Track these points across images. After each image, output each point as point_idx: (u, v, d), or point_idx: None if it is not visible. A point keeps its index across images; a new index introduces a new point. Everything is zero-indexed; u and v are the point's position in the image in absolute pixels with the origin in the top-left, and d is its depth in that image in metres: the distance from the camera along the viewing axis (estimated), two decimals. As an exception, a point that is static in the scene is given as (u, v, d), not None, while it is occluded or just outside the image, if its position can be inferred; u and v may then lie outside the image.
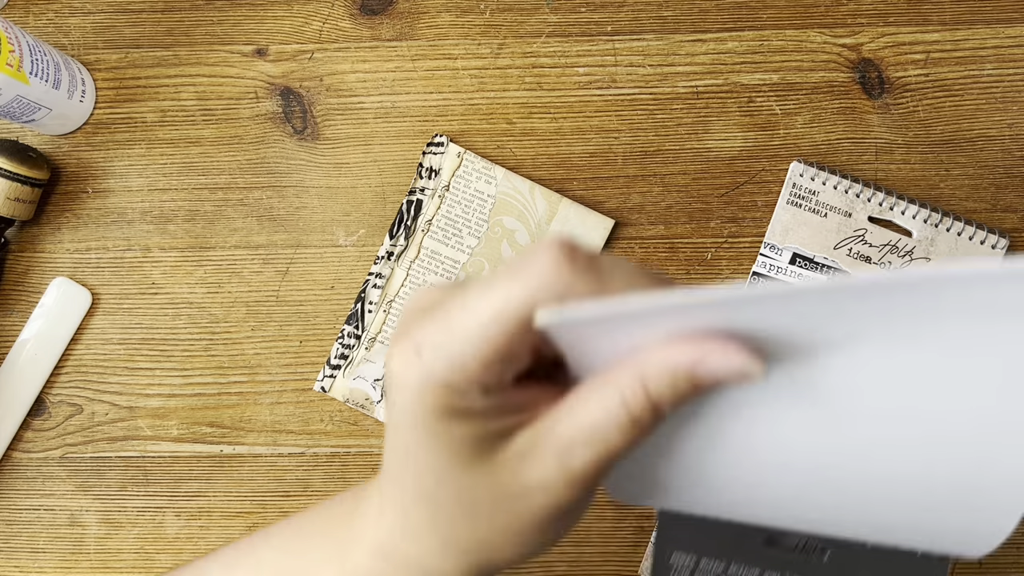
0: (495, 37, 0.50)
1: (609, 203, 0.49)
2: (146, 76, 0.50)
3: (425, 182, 0.49)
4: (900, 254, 0.47)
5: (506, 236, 0.48)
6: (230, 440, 0.49)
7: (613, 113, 0.49)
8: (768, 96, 0.49)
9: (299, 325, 0.49)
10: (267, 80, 0.50)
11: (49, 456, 0.49)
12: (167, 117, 0.50)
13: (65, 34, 0.51)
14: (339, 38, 0.50)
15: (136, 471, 0.49)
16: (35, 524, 0.49)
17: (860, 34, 0.49)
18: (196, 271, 0.50)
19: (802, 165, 0.47)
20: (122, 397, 0.49)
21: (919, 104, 0.49)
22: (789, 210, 0.47)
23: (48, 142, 0.50)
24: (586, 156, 0.49)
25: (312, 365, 0.49)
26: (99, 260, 0.50)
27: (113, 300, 0.49)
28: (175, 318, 0.49)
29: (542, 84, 0.50)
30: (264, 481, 0.48)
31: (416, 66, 0.50)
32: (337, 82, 0.50)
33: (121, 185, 0.50)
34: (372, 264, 0.49)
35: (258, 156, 0.50)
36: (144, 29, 0.51)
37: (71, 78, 0.48)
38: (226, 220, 0.50)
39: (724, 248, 0.48)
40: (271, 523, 0.48)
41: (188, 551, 0.48)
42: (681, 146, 0.49)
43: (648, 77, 0.49)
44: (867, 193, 0.47)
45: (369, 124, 0.50)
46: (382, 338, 0.48)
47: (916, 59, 0.49)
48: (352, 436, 0.48)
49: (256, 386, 0.49)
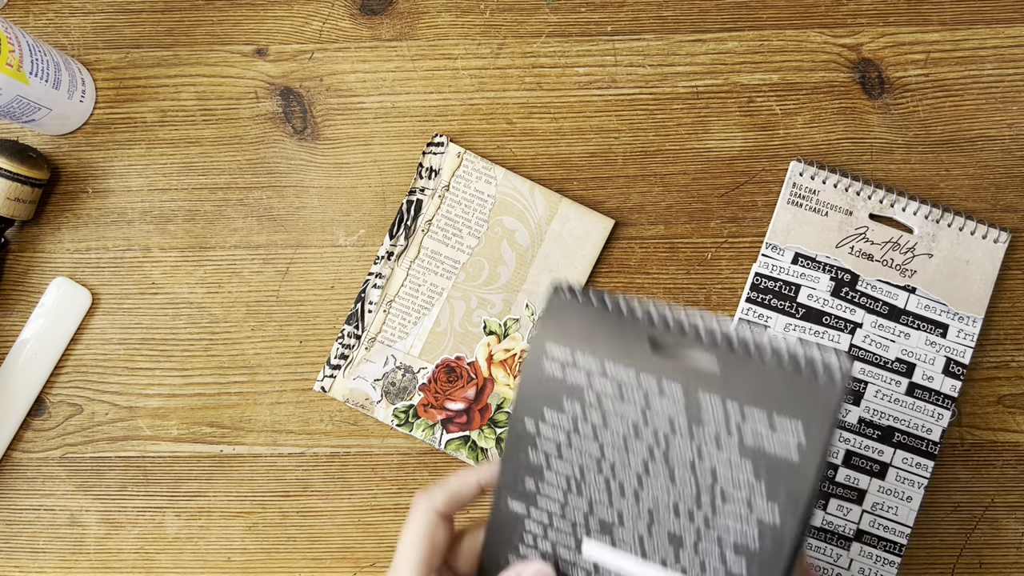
0: (495, 37, 0.50)
1: (609, 203, 0.49)
2: (146, 76, 0.50)
3: (425, 182, 0.49)
4: (902, 251, 0.47)
5: (506, 236, 0.48)
6: (230, 440, 0.49)
7: (613, 113, 0.49)
8: (768, 96, 0.49)
9: (299, 325, 0.49)
10: (267, 80, 0.50)
11: (49, 456, 0.49)
12: (167, 117, 0.50)
13: (65, 34, 0.51)
14: (339, 38, 0.50)
15: (136, 471, 0.49)
16: (35, 524, 0.49)
17: (860, 34, 0.49)
18: (196, 271, 0.50)
19: (802, 165, 0.47)
20: (122, 397, 0.49)
21: (919, 104, 0.49)
22: (790, 210, 0.47)
23: (48, 142, 0.50)
24: (586, 156, 0.49)
25: (312, 365, 0.49)
26: (99, 260, 0.50)
27: (113, 300, 0.49)
28: (175, 318, 0.49)
29: (542, 84, 0.50)
30: (264, 481, 0.48)
31: (416, 66, 0.50)
32: (337, 82, 0.50)
33: (121, 185, 0.50)
34: (372, 264, 0.49)
35: (258, 156, 0.50)
36: (144, 29, 0.51)
37: (71, 78, 0.48)
38: (226, 220, 0.50)
39: (724, 248, 0.48)
40: (271, 523, 0.49)
41: (188, 551, 0.48)
42: (681, 146, 0.49)
43: (648, 77, 0.49)
44: (868, 190, 0.47)
45: (369, 124, 0.50)
46: (382, 338, 0.48)
47: (916, 59, 0.49)
48: (352, 436, 0.48)
49: (256, 386, 0.49)
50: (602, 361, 0.32)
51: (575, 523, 0.33)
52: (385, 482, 0.48)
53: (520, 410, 0.33)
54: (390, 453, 0.48)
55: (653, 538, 0.33)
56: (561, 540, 0.34)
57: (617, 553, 0.33)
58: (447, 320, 0.48)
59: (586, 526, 0.33)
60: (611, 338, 0.32)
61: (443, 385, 0.48)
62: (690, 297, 0.48)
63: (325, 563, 0.48)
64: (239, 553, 0.48)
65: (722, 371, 0.31)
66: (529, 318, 0.48)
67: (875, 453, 0.46)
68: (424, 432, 0.48)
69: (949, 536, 0.47)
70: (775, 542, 0.31)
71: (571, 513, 0.33)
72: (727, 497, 0.31)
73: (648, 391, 0.31)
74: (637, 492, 0.32)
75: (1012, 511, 0.47)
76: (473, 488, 0.34)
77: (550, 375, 0.33)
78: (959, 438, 0.47)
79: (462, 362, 0.48)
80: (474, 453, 0.47)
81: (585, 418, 0.33)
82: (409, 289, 0.48)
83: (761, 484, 0.30)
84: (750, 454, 0.30)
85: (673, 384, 0.31)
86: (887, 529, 0.46)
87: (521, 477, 0.34)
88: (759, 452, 0.30)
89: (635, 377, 0.31)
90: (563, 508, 0.33)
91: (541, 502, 0.34)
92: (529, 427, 0.33)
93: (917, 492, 0.46)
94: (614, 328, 0.32)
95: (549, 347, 0.32)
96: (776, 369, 0.30)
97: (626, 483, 0.33)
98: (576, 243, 0.48)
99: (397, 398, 0.48)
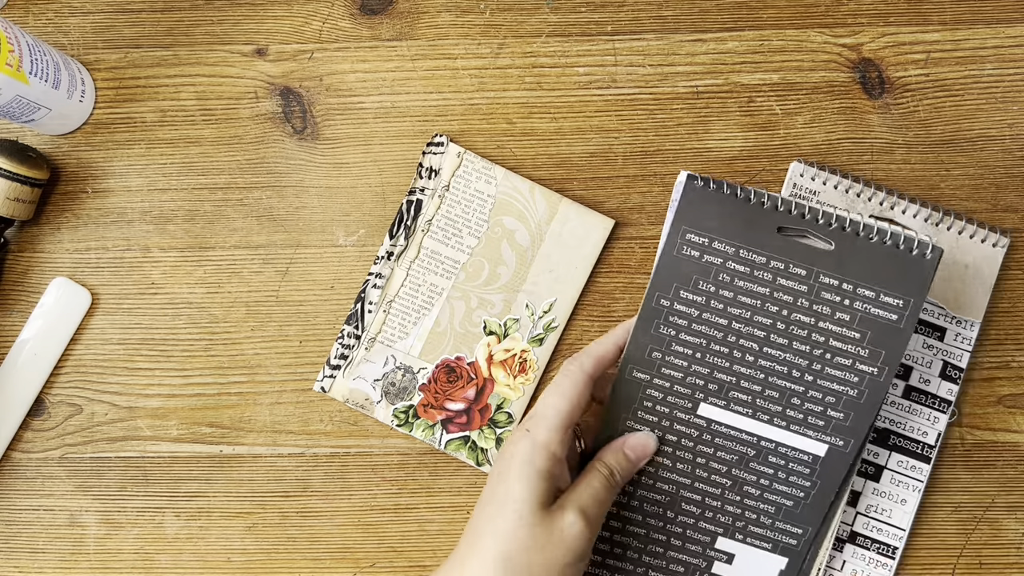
0: (495, 37, 0.50)
1: (609, 203, 0.49)
2: (146, 76, 0.50)
3: (425, 182, 0.49)
4: (900, 254, 0.47)
5: (506, 236, 0.48)
6: (230, 440, 0.49)
7: (613, 113, 0.49)
8: (768, 96, 0.49)
9: (299, 325, 0.49)
10: (267, 80, 0.50)
11: (49, 456, 0.49)
12: (167, 117, 0.50)
13: (65, 34, 0.51)
14: (339, 38, 0.50)
15: (136, 471, 0.49)
16: (35, 524, 0.49)
17: (860, 34, 0.49)
18: (196, 271, 0.49)
19: (802, 165, 0.47)
20: (122, 397, 0.49)
21: (919, 104, 0.49)
22: (789, 210, 0.47)
23: (48, 142, 0.50)
24: (586, 156, 0.49)
25: (312, 365, 0.49)
26: (99, 260, 0.50)
27: (113, 300, 0.49)
28: (175, 318, 0.49)
29: (542, 84, 0.50)
30: (264, 481, 0.48)
31: (416, 66, 0.50)
32: (337, 82, 0.50)
33: (121, 185, 0.50)
34: (372, 264, 0.49)
35: (258, 156, 0.50)
36: (144, 29, 0.51)
37: (71, 78, 0.48)
38: (226, 220, 0.50)
39: (724, 248, 0.48)
40: (270, 523, 0.49)
41: (188, 551, 0.48)
42: (681, 146, 0.49)
43: (648, 77, 0.49)
44: (868, 192, 0.47)
45: (369, 124, 0.50)
46: (382, 338, 0.48)
47: (916, 59, 0.49)
48: (352, 436, 0.48)
49: (256, 386, 0.49)
50: (737, 247, 0.37)
51: (694, 387, 0.39)
52: (385, 482, 0.48)
53: (654, 289, 0.38)
54: (390, 453, 0.48)
55: (765, 395, 0.38)
56: (679, 404, 0.39)
57: (730, 413, 0.39)
58: (447, 320, 0.48)
59: (704, 390, 0.39)
60: (745, 225, 0.37)
61: (443, 385, 0.48)
62: (690, 297, 0.48)
63: (325, 563, 0.48)
64: (239, 553, 0.48)
65: (837, 251, 0.37)
66: (529, 318, 0.48)
67: (870, 455, 0.46)
68: (424, 432, 0.48)
69: (949, 536, 0.47)
70: (872, 388, 0.38)
71: (691, 380, 0.39)
72: (835, 354, 0.37)
73: (776, 272, 0.37)
74: (756, 357, 0.38)
75: (1012, 511, 0.47)
76: (613, 352, 0.38)
77: (687, 258, 0.37)
78: (959, 438, 0.47)
79: (462, 362, 0.48)
80: (474, 453, 0.47)
81: (717, 295, 0.37)
82: (409, 289, 0.48)
83: (866, 342, 0.37)
84: (859, 319, 0.37)
85: (798, 267, 0.37)
86: (881, 531, 0.46)
87: (648, 350, 0.38)
88: (868, 318, 0.37)
89: (765, 261, 0.37)
90: (685, 375, 0.38)
91: (664, 370, 0.39)
92: (663, 304, 0.38)
93: (912, 495, 0.46)
94: (747, 216, 0.37)
95: (687, 234, 0.37)
96: (880, 246, 0.36)
97: (747, 351, 0.38)
98: (576, 243, 0.48)
99: (397, 398, 0.48)
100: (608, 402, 0.39)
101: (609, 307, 0.48)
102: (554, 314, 0.48)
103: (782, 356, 0.38)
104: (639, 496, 0.40)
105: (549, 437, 0.35)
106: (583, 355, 0.37)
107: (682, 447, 0.39)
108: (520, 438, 0.36)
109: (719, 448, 0.39)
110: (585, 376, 0.36)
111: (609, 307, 0.48)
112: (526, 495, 0.34)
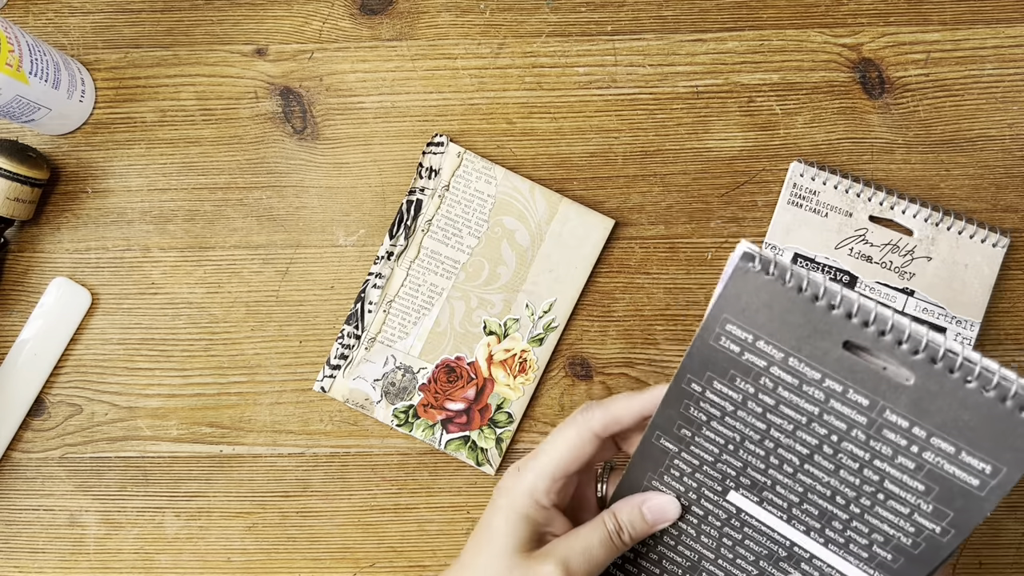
0: (495, 37, 0.50)
1: (609, 203, 0.49)
2: (146, 76, 0.50)
3: (425, 182, 0.49)
4: (901, 253, 0.47)
5: (506, 236, 0.48)
6: (230, 440, 0.49)
7: (613, 113, 0.49)
8: (768, 96, 0.49)
9: (299, 325, 0.49)
10: (267, 80, 0.50)
11: (49, 456, 0.49)
12: (167, 117, 0.50)
13: (65, 34, 0.51)
14: (339, 38, 0.50)
15: (136, 471, 0.49)
16: (35, 524, 0.49)
17: (860, 34, 0.49)
18: (196, 271, 0.49)
19: (802, 165, 0.47)
20: (122, 397, 0.49)
21: (919, 104, 0.49)
22: (790, 210, 0.47)
23: (48, 142, 0.50)
24: (586, 156, 0.49)
25: (312, 365, 0.49)
26: (99, 260, 0.50)
27: (113, 300, 0.49)
28: (175, 318, 0.49)
29: (542, 84, 0.50)
30: (264, 481, 0.48)
31: (416, 66, 0.50)
32: (337, 82, 0.50)
33: (121, 185, 0.50)
34: (372, 264, 0.49)
35: (258, 156, 0.50)
36: (144, 29, 0.51)
37: (71, 78, 0.48)
38: (226, 220, 0.50)
39: (724, 248, 0.48)
40: (270, 523, 0.49)
41: (188, 551, 0.48)
42: (681, 146, 0.49)
43: (648, 77, 0.49)
44: (867, 192, 0.47)
45: (369, 124, 0.50)
46: (382, 338, 0.48)
47: (916, 59, 0.49)
48: (352, 436, 0.48)
49: (256, 386, 0.49)
50: (787, 354, 0.30)
51: (725, 474, 0.34)
52: (385, 482, 0.48)
53: (685, 370, 0.32)
54: (390, 453, 0.48)
55: (803, 508, 0.32)
56: (707, 484, 0.34)
57: (763, 511, 0.33)
58: (447, 320, 0.48)
59: (736, 481, 0.33)
60: (803, 330, 0.29)
61: (443, 385, 0.48)
62: (690, 297, 0.48)
63: (325, 563, 0.48)
64: (239, 553, 0.48)
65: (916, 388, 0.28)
66: (529, 318, 0.48)
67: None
68: (424, 432, 0.48)
69: (949, 536, 0.47)
70: (932, 547, 0.30)
71: (722, 467, 0.33)
72: (889, 496, 0.30)
73: (831, 394, 0.30)
74: (796, 471, 0.32)
75: (1012, 511, 0.47)
76: (634, 418, 0.35)
77: (724, 350, 0.31)
78: (959, 438, 0.47)
79: (462, 362, 0.48)
80: (474, 453, 0.47)
81: (756, 398, 0.31)
82: (409, 289, 0.48)
83: (931, 497, 0.29)
84: (927, 472, 0.29)
85: (859, 395, 0.29)
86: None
87: (677, 424, 0.34)
88: (938, 473, 0.29)
89: (820, 378, 0.29)
90: (715, 461, 0.33)
91: (694, 449, 0.34)
92: (694, 388, 0.32)
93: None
94: (808, 318, 0.29)
95: (729, 327, 0.30)
96: (978, 394, 0.27)
97: (786, 462, 0.32)
98: (576, 243, 0.48)
99: (397, 398, 0.48)
100: (634, 456, 0.35)
101: (609, 307, 0.48)
102: (554, 314, 0.48)
103: (826, 480, 0.31)
104: (659, 552, 0.37)
105: (535, 485, 0.34)
106: (600, 409, 0.35)
107: (708, 523, 0.35)
108: (510, 475, 0.35)
109: (748, 538, 0.34)
110: (591, 434, 0.34)
111: (609, 307, 0.48)
112: (506, 536, 0.34)
